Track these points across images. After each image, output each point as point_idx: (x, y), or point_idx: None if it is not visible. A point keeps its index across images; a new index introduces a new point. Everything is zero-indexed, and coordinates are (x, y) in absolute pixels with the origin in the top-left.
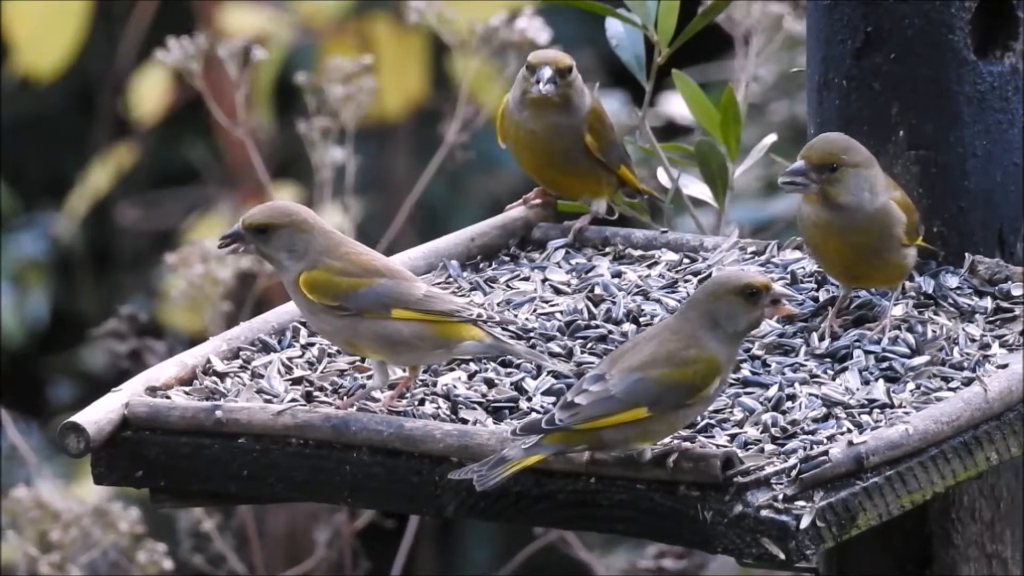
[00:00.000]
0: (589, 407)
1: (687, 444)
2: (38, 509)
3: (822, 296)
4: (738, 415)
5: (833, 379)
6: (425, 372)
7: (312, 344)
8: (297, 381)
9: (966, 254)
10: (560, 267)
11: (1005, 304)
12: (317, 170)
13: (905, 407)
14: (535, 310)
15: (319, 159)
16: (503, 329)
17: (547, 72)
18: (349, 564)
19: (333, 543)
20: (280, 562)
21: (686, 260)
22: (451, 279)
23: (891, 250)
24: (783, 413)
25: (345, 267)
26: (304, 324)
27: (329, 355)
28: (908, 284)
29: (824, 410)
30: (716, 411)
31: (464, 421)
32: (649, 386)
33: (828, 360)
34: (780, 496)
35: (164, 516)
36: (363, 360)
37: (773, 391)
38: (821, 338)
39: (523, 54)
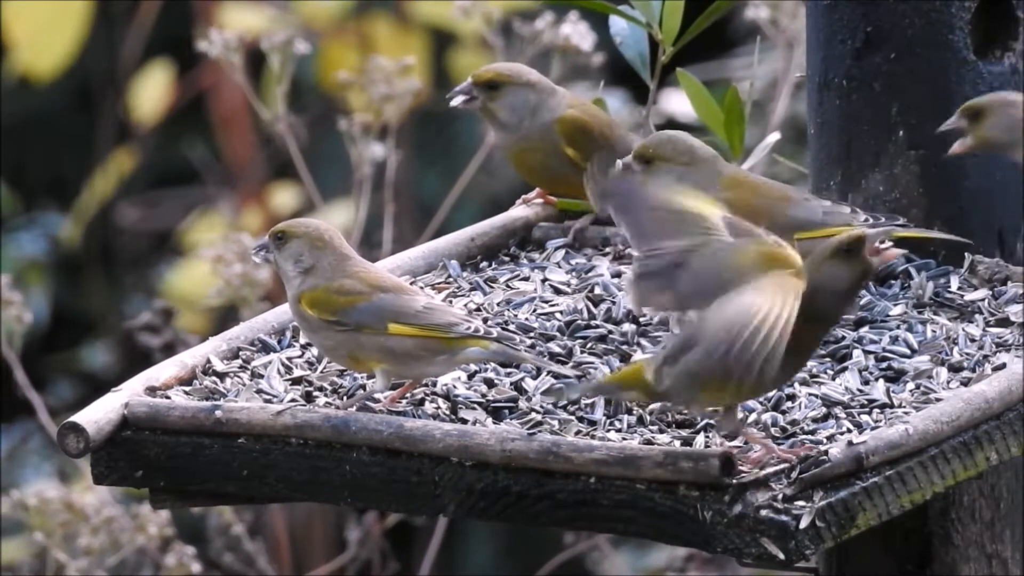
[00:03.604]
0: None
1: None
2: (67, 511)
3: None
4: (738, 415)
5: (833, 379)
6: None
7: (312, 344)
8: (297, 381)
9: (966, 254)
10: (560, 267)
11: (1004, 304)
12: (355, 167)
13: (905, 407)
14: (535, 310)
15: (357, 156)
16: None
17: (463, 84)
18: (378, 563)
19: (364, 542)
20: (282, 563)
21: None
22: (451, 279)
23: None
24: (783, 413)
25: (344, 284)
26: None
27: None
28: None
29: (824, 410)
30: (716, 411)
31: (464, 421)
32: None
33: (828, 360)
34: (780, 496)
35: (191, 516)
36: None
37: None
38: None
39: (566, 58)
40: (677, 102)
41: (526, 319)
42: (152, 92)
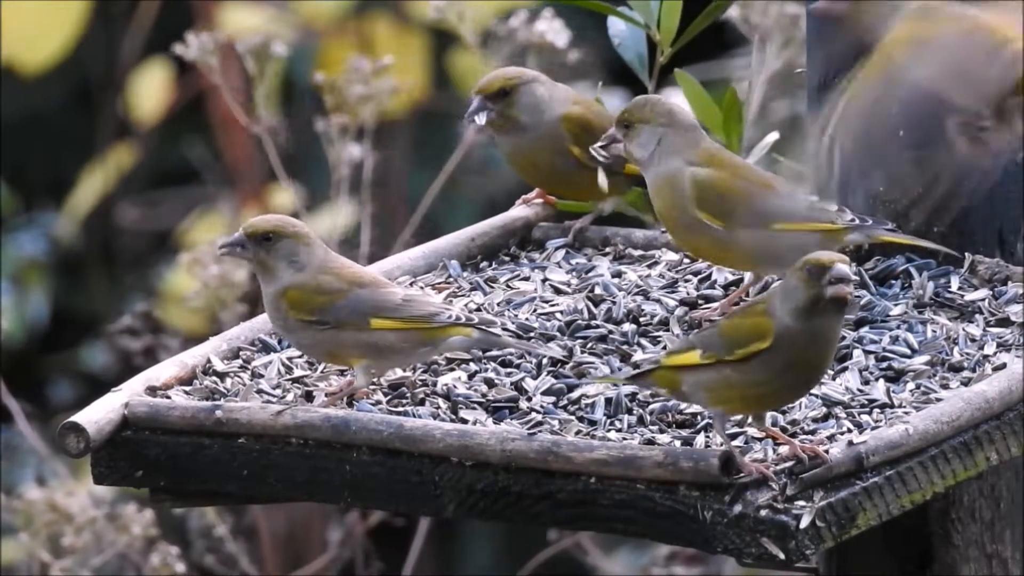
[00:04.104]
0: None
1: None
2: (51, 512)
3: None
4: (738, 414)
5: (833, 379)
6: (425, 372)
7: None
8: (297, 381)
9: (966, 254)
10: (560, 267)
11: (1004, 304)
12: (334, 168)
13: (905, 407)
14: (535, 310)
15: (336, 156)
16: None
17: (474, 103)
18: (361, 564)
19: (345, 542)
20: (280, 562)
21: (686, 260)
22: (451, 279)
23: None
24: (783, 413)
25: (322, 283)
26: None
27: None
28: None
29: (824, 410)
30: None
31: (464, 421)
32: (711, 333)
33: None
34: (780, 496)
35: (174, 517)
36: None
37: None
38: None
39: (543, 55)
40: (676, 102)
41: (526, 319)
42: (152, 91)
